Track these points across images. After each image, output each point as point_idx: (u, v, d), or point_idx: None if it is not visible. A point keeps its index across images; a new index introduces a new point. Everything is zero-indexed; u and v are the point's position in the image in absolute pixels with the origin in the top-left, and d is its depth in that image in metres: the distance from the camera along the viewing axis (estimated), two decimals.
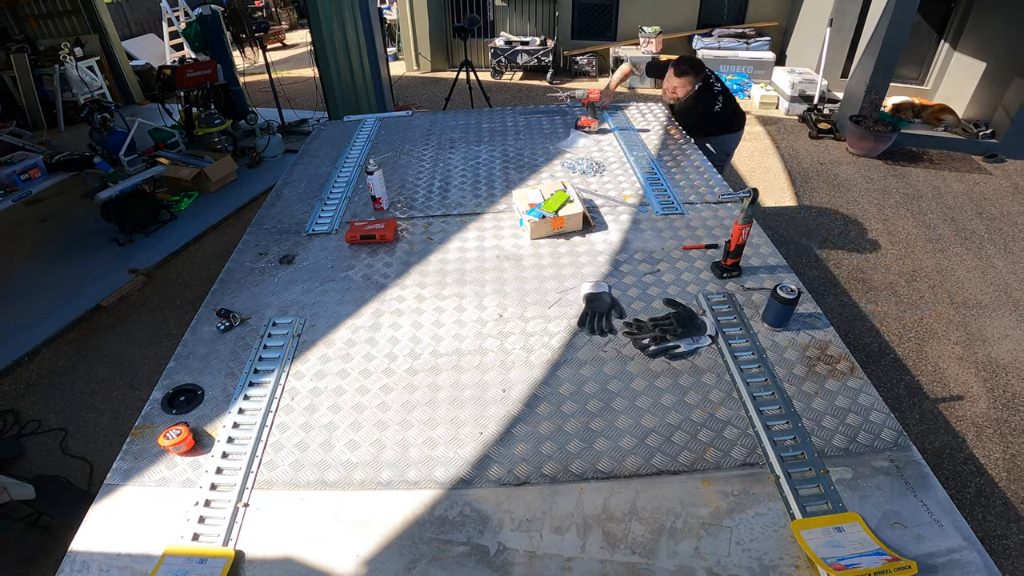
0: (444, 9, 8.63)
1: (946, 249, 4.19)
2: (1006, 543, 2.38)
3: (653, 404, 1.52)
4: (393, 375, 1.66)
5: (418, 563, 1.20)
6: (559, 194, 2.29)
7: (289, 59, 10.53)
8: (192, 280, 4.25)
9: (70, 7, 7.90)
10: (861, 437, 1.40)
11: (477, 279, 2.04)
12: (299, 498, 1.34)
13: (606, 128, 3.18)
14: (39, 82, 7.16)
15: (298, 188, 2.76)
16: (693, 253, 2.11)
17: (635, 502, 1.28)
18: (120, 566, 1.22)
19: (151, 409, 1.59)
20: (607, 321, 1.80)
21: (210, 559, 1.20)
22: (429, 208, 2.52)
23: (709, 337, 1.70)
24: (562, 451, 1.41)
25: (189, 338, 1.84)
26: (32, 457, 2.94)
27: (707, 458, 1.38)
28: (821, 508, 1.25)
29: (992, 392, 3.04)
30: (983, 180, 5.20)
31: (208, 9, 6.66)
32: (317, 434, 1.49)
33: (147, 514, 1.32)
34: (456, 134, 3.27)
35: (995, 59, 5.77)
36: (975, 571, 1.12)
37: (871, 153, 5.72)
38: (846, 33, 6.57)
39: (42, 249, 4.70)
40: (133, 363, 3.49)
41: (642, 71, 3.86)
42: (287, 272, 2.15)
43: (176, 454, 1.44)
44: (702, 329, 1.73)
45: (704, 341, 1.69)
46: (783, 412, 1.47)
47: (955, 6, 6.20)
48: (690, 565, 1.16)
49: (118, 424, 3.05)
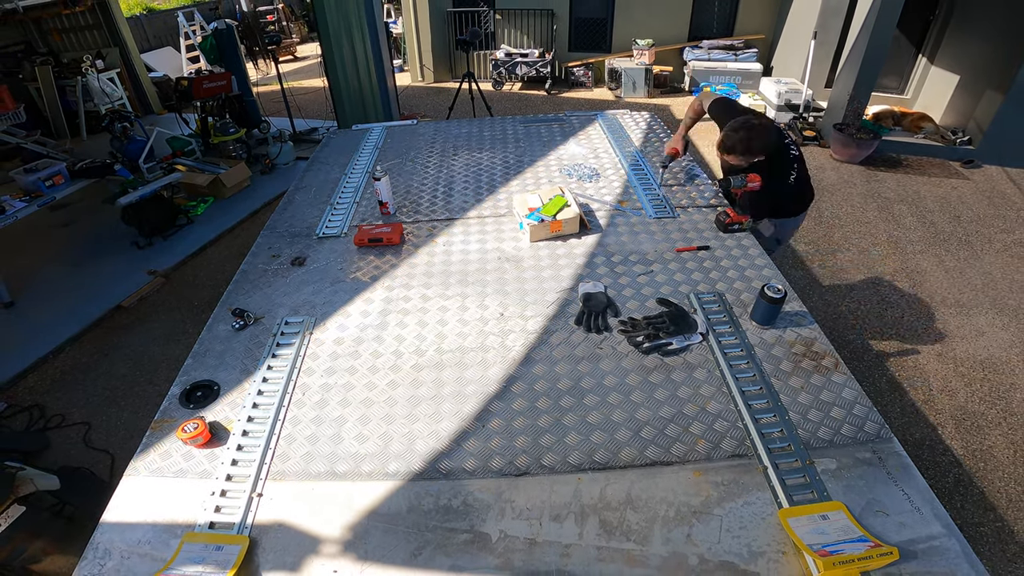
0: (447, 23, 8.63)
1: (925, 251, 4.19)
2: (983, 530, 2.38)
3: (647, 399, 1.52)
4: (400, 371, 1.66)
5: (424, 549, 1.20)
6: (557, 199, 2.29)
7: (300, 71, 10.52)
8: (208, 281, 4.25)
9: (92, 22, 7.90)
10: (845, 429, 1.40)
11: (479, 280, 2.04)
12: (310, 488, 1.34)
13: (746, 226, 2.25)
14: (62, 93, 7.16)
15: (309, 193, 2.76)
16: (685, 255, 2.11)
17: (630, 492, 1.28)
18: (140, 553, 1.22)
19: (169, 404, 1.59)
20: (603, 319, 1.80)
21: (226, 546, 1.20)
22: (433, 212, 2.52)
23: (700, 335, 1.70)
24: (560, 443, 1.41)
25: (205, 336, 1.84)
26: (57, 449, 2.94)
27: (698, 450, 1.38)
28: (807, 497, 1.25)
29: (969, 387, 3.03)
30: (960, 185, 5.20)
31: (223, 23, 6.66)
32: (327, 427, 1.49)
33: (166, 503, 1.32)
34: (459, 142, 3.27)
35: (969, 72, 5.80)
36: (954, 557, 1.12)
37: (854, 159, 5.71)
38: (829, 46, 6.57)
39: (65, 252, 4.70)
40: (152, 360, 3.49)
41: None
42: (299, 273, 2.14)
43: (193, 447, 1.44)
44: (693, 327, 1.73)
45: (695, 338, 1.69)
46: (771, 406, 1.47)
47: (933, 21, 6.21)
48: (682, 551, 1.16)
49: (138, 418, 3.05)
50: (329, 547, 1.21)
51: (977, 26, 5.68)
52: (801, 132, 6.23)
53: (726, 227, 2.19)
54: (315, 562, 1.18)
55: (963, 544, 1.14)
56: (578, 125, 3.39)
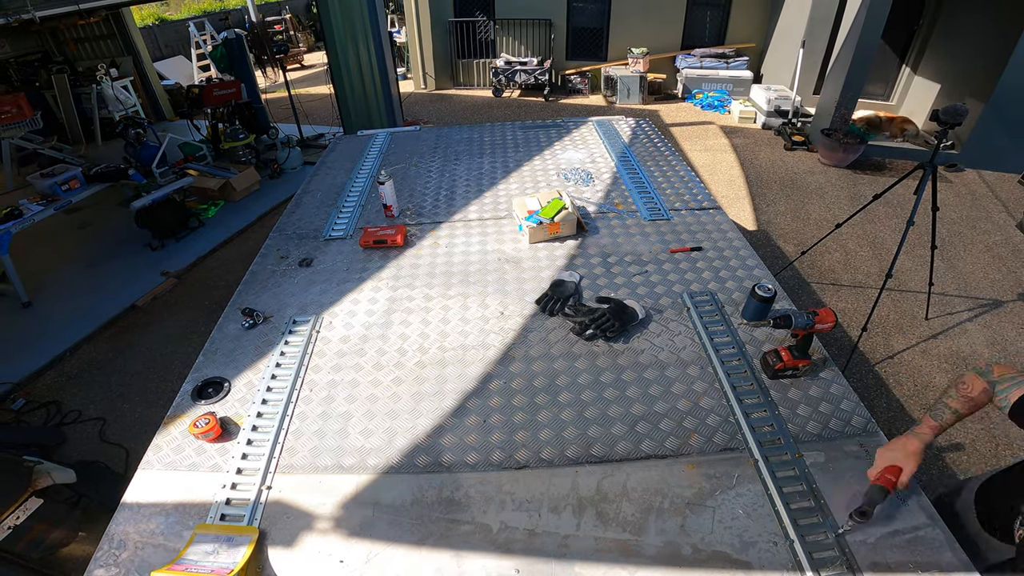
0: (449, 33, 8.63)
1: (909, 251, 4.19)
2: None
3: (642, 394, 1.52)
4: (404, 368, 1.65)
5: (427, 540, 1.20)
6: (555, 202, 2.29)
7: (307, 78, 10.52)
8: (219, 281, 4.25)
9: (106, 31, 7.90)
10: (833, 424, 1.40)
11: (480, 280, 2.04)
12: (318, 481, 1.34)
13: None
14: (78, 100, 7.16)
15: (316, 197, 2.76)
16: (679, 255, 2.11)
17: (626, 484, 1.28)
18: (154, 543, 1.22)
19: (182, 400, 1.59)
20: (561, 305, 1.83)
21: (236, 537, 1.20)
22: (436, 215, 2.52)
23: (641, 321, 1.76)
24: (559, 438, 1.41)
25: (216, 335, 1.84)
26: (73, 444, 2.94)
27: (691, 443, 1.37)
28: (796, 489, 1.25)
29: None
30: (944, 188, 5.20)
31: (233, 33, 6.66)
32: (334, 423, 1.49)
33: (179, 496, 1.32)
34: (460, 147, 3.27)
35: (952, 79, 5.82)
36: (938, 546, 1.12)
37: (841, 163, 5.72)
38: (817, 55, 6.58)
39: (81, 253, 4.70)
40: (165, 358, 3.49)
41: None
42: (306, 274, 2.14)
43: (205, 441, 1.44)
44: (634, 317, 1.76)
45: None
46: (761, 401, 1.47)
47: (917, 31, 6.22)
48: (676, 541, 1.16)
49: (152, 413, 3.05)
50: (336, 537, 1.21)
51: (959, 36, 5.71)
52: (790, 137, 6.23)
53: (775, 372, 1.55)
54: (322, 552, 1.18)
55: (947, 534, 1.14)
56: (575, 131, 3.39)
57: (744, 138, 6.56)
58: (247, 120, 6.26)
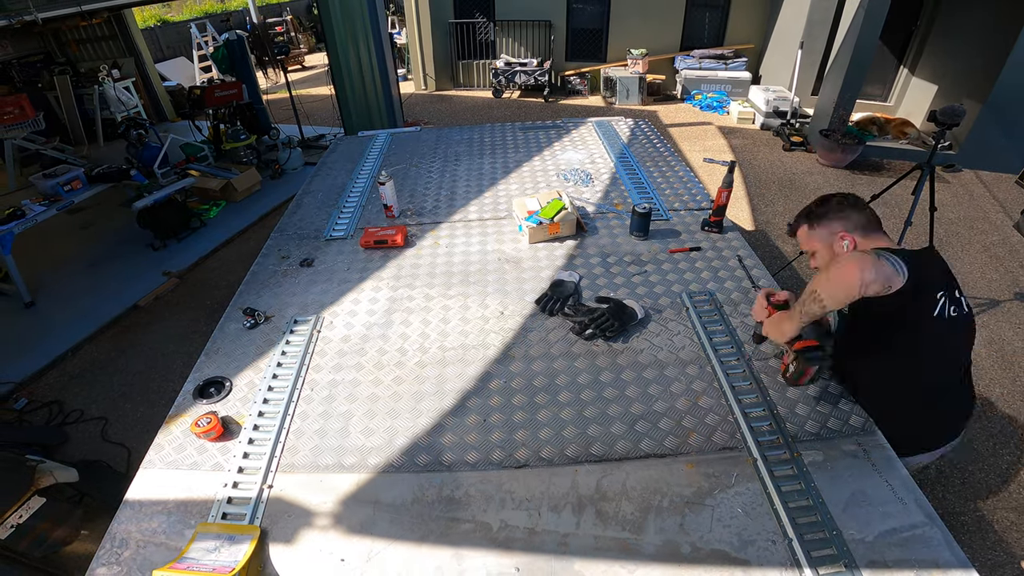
0: (449, 34, 8.63)
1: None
2: (964, 519, 2.38)
3: (641, 394, 1.52)
4: (404, 368, 1.65)
5: (427, 538, 1.19)
6: (555, 202, 2.29)
7: (308, 79, 10.52)
8: (220, 281, 4.25)
9: (108, 33, 7.90)
10: (831, 423, 1.40)
11: (480, 280, 2.04)
12: (319, 480, 1.34)
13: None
14: (80, 101, 7.15)
15: (317, 197, 2.76)
16: (678, 255, 2.11)
17: (625, 483, 1.28)
18: (156, 542, 1.22)
19: (183, 399, 1.59)
20: (561, 304, 1.83)
21: (238, 535, 1.20)
22: (436, 215, 2.52)
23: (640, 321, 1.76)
24: (558, 437, 1.41)
25: (218, 334, 1.84)
26: (75, 443, 2.94)
27: (690, 442, 1.37)
28: (795, 487, 1.25)
29: None
30: (941, 188, 5.19)
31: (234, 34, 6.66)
32: (335, 422, 1.49)
33: (180, 495, 1.32)
34: (461, 148, 3.26)
35: (949, 80, 5.81)
36: (936, 545, 1.12)
37: (839, 164, 5.71)
38: (816, 55, 6.57)
39: (83, 253, 4.70)
40: (167, 357, 3.49)
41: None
42: (307, 274, 2.14)
43: (206, 440, 1.44)
44: (633, 316, 1.75)
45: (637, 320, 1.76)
46: (760, 400, 1.47)
47: (914, 33, 6.22)
48: (675, 540, 1.16)
49: (153, 413, 3.05)
50: (337, 536, 1.21)
51: (957, 36, 5.70)
52: (789, 138, 6.23)
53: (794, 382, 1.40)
54: (323, 550, 1.18)
55: (945, 533, 1.14)
56: (574, 131, 3.38)
57: (743, 139, 6.56)
58: (248, 121, 6.26)
